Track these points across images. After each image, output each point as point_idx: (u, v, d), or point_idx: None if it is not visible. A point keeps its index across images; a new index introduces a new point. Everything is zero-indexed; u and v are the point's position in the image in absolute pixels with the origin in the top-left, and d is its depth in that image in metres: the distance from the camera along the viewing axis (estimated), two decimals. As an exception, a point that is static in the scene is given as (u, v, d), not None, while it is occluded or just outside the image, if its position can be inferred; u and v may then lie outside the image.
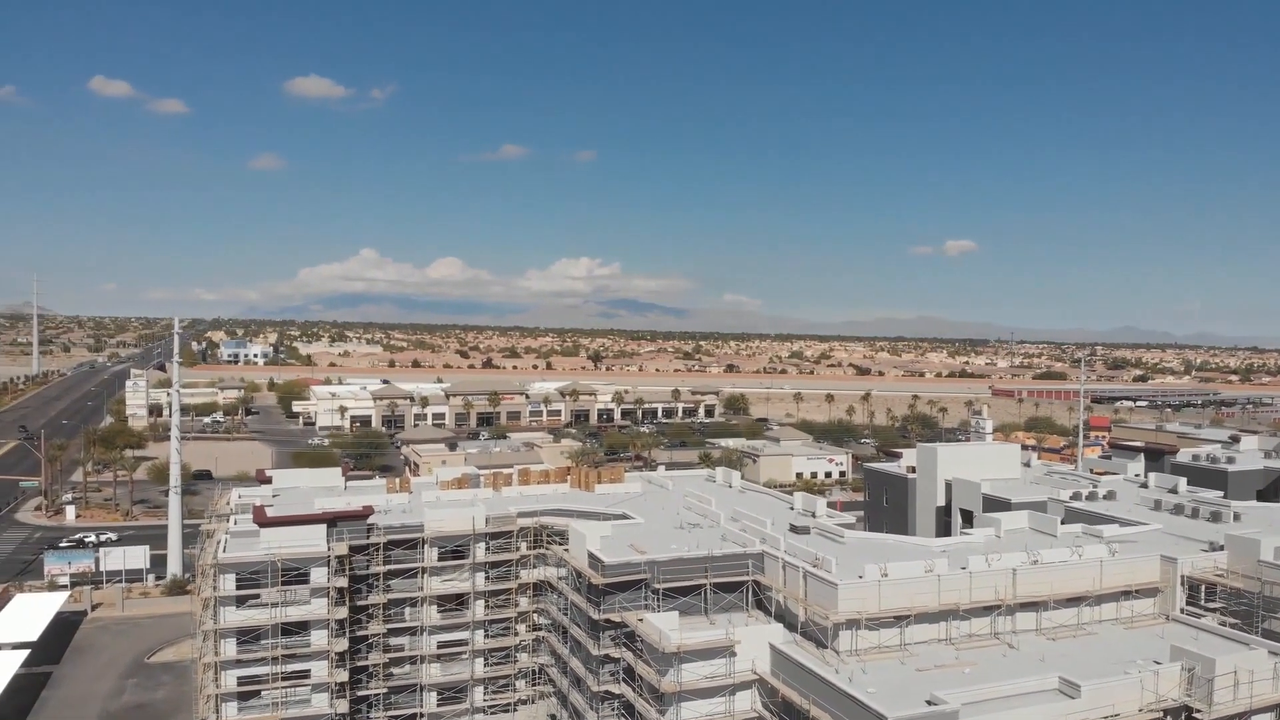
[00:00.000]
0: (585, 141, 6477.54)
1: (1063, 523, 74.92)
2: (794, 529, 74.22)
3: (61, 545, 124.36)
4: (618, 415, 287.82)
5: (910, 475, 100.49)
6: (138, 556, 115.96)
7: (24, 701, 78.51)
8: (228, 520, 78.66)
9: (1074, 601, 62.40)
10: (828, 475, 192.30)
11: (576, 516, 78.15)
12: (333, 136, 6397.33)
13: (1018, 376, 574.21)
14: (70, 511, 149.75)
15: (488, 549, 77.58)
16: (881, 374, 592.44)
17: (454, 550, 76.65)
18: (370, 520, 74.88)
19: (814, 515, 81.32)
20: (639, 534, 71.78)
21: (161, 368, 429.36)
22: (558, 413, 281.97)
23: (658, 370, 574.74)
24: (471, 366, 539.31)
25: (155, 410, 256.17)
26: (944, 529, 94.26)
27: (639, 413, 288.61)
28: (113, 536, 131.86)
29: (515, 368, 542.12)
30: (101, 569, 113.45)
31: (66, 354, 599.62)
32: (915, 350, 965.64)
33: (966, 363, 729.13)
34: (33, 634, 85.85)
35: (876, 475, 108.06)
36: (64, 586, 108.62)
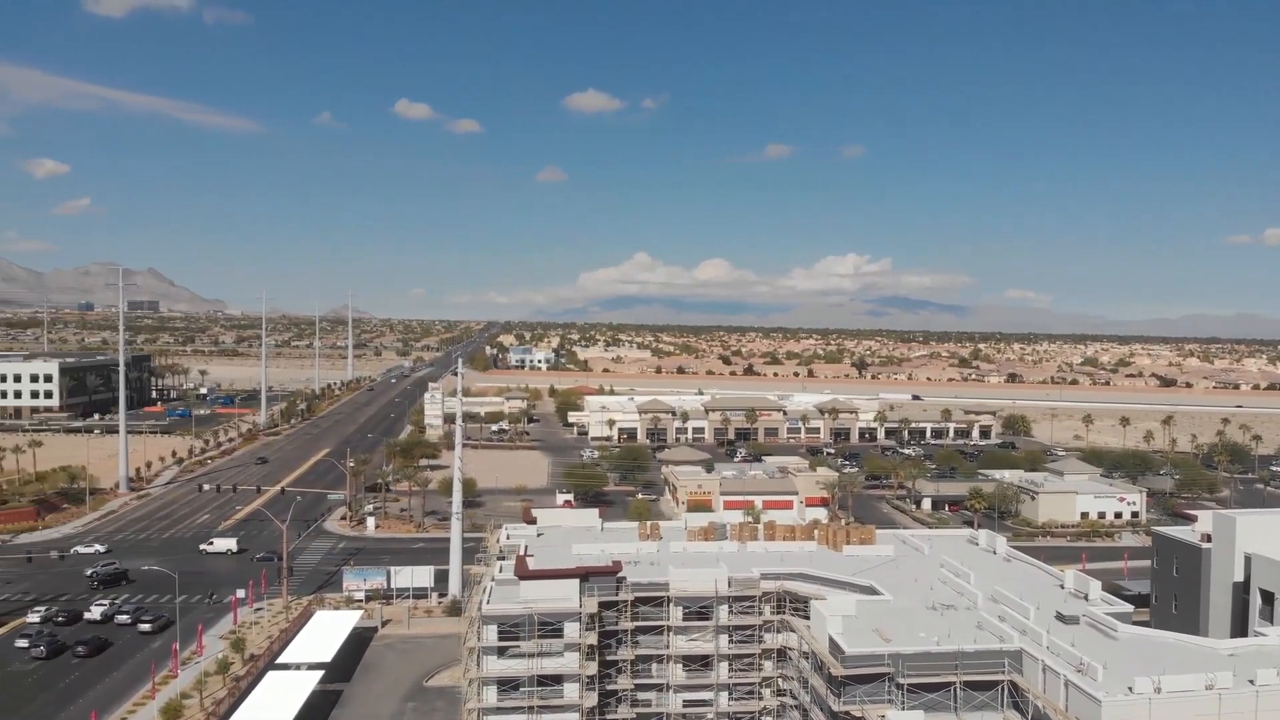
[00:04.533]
0: (852, 137, 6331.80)
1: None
2: (1060, 617, 68.88)
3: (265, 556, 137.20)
4: (880, 435, 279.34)
5: (1204, 545, 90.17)
6: (424, 575, 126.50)
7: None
8: (495, 565, 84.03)
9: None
10: (1117, 516, 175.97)
11: (821, 583, 76.76)
12: (608, 147, 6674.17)
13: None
14: (370, 523, 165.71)
15: (731, 611, 77.88)
16: (1189, 385, 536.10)
17: (698, 611, 77.62)
18: (620, 574, 77.43)
19: (1086, 598, 74.91)
20: (886, 614, 69.25)
21: (456, 371, 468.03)
22: (816, 430, 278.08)
23: (929, 379, 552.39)
24: (733, 373, 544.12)
25: (451, 418, 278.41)
26: (1241, 610, 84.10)
27: (904, 433, 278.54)
28: (270, 556, 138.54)
29: (776, 374, 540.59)
30: (392, 586, 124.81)
31: (378, 357, 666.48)
32: (1230, 355, 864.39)
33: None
34: (328, 654, 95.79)
35: (1166, 542, 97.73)
36: (359, 602, 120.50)
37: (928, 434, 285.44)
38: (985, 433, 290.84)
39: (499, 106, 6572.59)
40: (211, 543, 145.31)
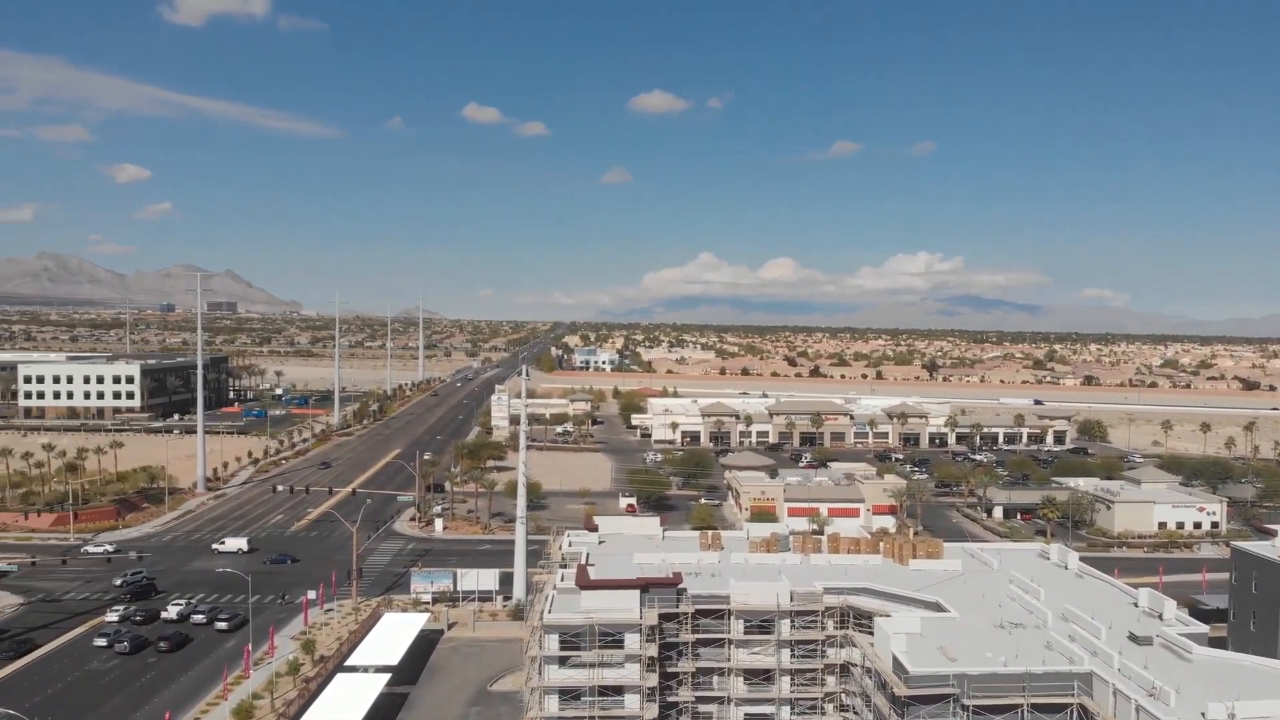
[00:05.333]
0: (922, 133, 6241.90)
1: None
2: (1133, 638, 66.87)
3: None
4: (951, 440, 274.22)
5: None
6: (489, 578, 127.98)
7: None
8: (557, 573, 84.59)
9: None
10: (1196, 526, 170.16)
11: (885, 599, 75.70)
12: (673, 147, 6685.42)
13: None
14: (438, 524, 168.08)
15: (793, 625, 77.23)
16: (1273, 389, 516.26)
17: (760, 624, 77.14)
18: (681, 586, 77.33)
19: (1160, 617, 72.65)
20: (951, 633, 67.99)
21: (525, 373, 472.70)
22: (885, 435, 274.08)
23: (1002, 381, 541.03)
24: (798, 375, 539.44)
25: (517, 419, 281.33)
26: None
27: (975, 438, 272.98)
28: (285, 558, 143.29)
29: (843, 376, 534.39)
30: (458, 588, 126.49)
31: (448, 358, 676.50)
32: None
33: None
34: (395, 657, 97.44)
35: (1245, 557, 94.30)
36: (426, 604, 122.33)
37: (1000, 439, 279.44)
38: (1060, 438, 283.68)
39: (566, 109, 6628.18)
40: (223, 542, 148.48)
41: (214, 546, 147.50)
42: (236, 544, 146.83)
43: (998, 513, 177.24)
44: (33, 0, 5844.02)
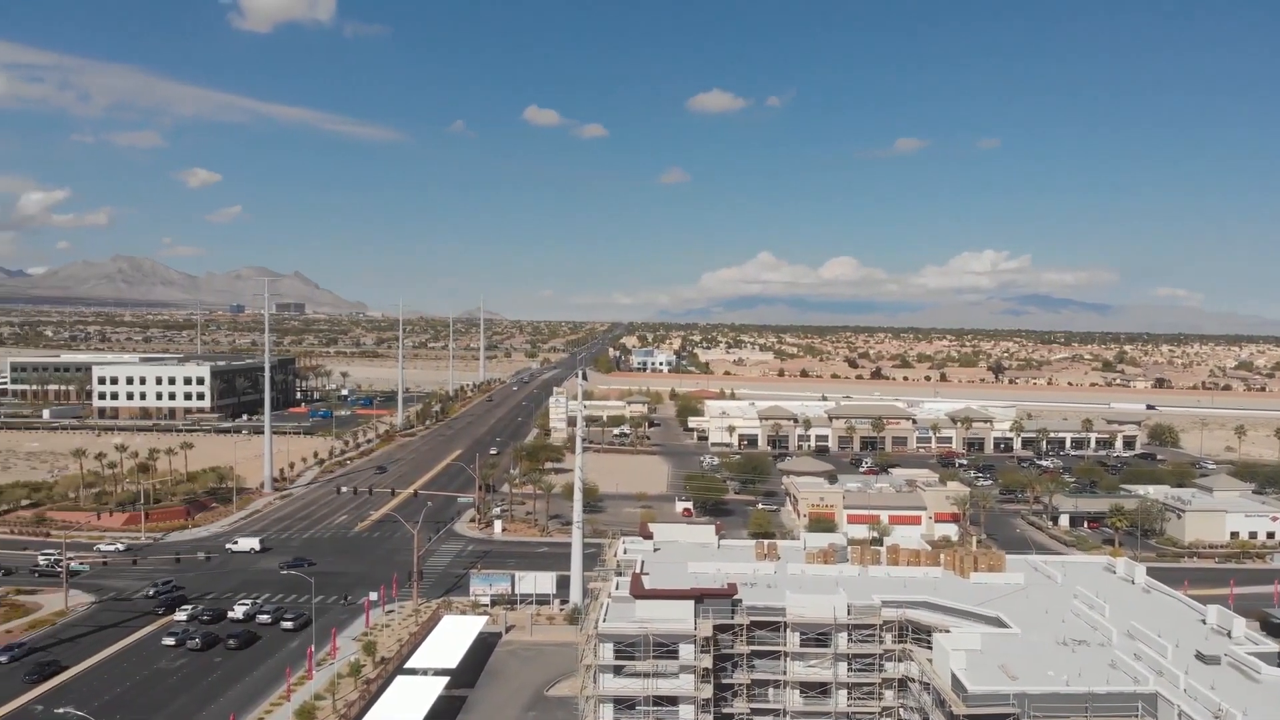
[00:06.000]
0: (986, 129, 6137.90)
1: None
2: (1200, 657, 64.94)
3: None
4: (1017, 445, 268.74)
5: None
6: (546, 581, 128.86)
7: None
8: (612, 581, 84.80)
9: None
10: (1270, 536, 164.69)
11: (945, 613, 74.51)
12: (732, 146, 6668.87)
13: None
14: (498, 526, 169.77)
15: (850, 639, 76.39)
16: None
17: (816, 637, 76.43)
18: (736, 597, 76.98)
19: (1229, 635, 70.41)
20: (1013, 649, 66.66)
21: (584, 375, 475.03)
22: (948, 440, 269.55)
23: (1070, 384, 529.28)
24: (859, 377, 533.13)
25: (575, 421, 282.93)
26: None
27: (1042, 443, 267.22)
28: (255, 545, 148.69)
29: (906, 379, 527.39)
30: (516, 591, 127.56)
31: (508, 359, 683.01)
32: None
33: None
34: (454, 660, 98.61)
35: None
36: (485, 607, 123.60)
37: (1067, 444, 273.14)
38: (1129, 443, 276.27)
39: (624, 110, 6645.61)
40: (236, 541, 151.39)
41: (228, 546, 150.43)
42: (249, 543, 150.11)
43: (1064, 521, 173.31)
44: (108, 10, 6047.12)
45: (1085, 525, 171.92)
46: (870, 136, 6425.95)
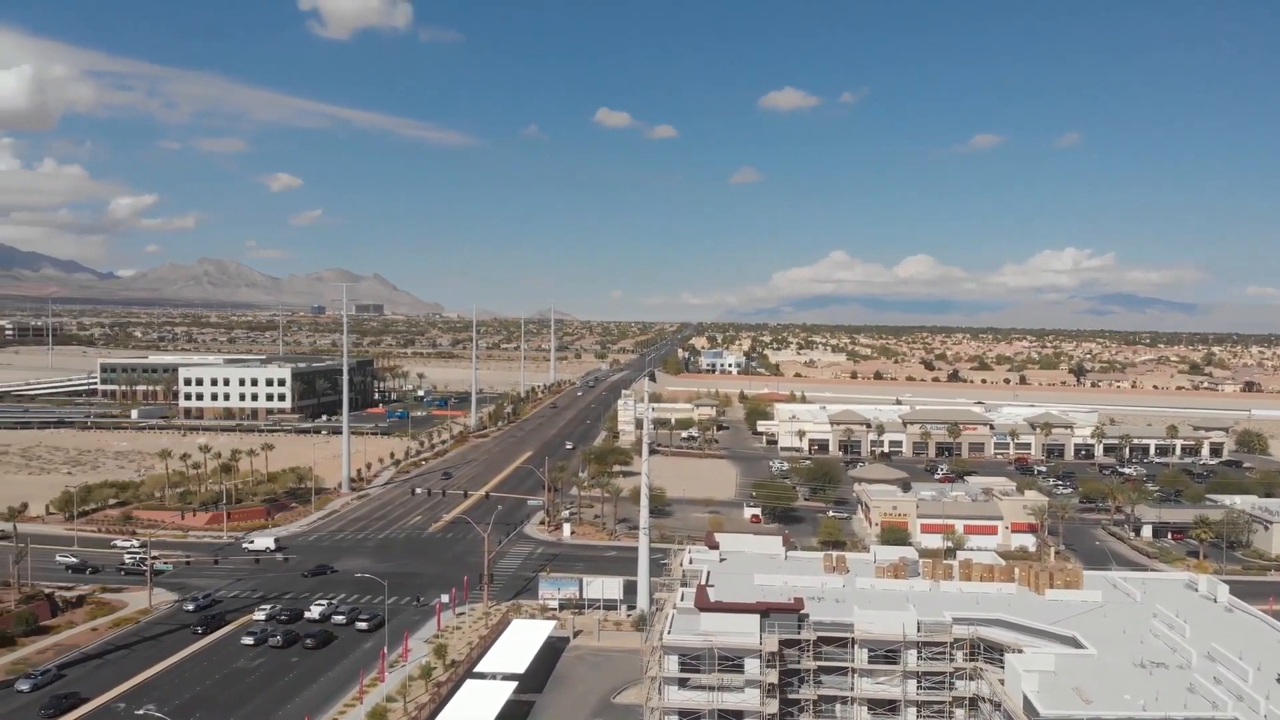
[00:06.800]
0: (1067, 124, 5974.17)
1: None
2: (1289, 685, 62.22)
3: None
4: (1098, 451, 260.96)
5: None
6: (614, 586, 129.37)
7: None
8: (678, 592, 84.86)
9: None
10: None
11: (1018, 631, 72.80)
12: (804, 145, 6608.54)
13: None
14: (566, 529, 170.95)
15: (920, 656, 75.12)
16: None
17: (885, 654, 75.33)
18: (803, 612, 76.29)
19: (1322, 662, 67.36)
20: (1088, 671, 64.83)
21: (653, 376, 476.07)
22: (1026, 446, 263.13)
23: (1155, 387, 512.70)
24: (935, 380, 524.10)
25: (643, 424, 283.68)
26: None
27: (1124, 450, 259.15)
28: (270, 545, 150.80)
29: (984, 381, 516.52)
30: (583, 596, 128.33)
31: (578, 360, 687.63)
32: None
33: None
34: (522, 665, 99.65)
35: None
36: (553, 611, 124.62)
37: (1151, 451, 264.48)
38: (1216, 450, 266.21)
39: (695, 111, 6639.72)
40: (252, 540, 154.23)
41: (244, 544, 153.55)
42: (265, 542, 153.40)
43: (1146, 532, 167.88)
44: (194, 20, 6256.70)
45: (1169, 536, 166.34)
46: (947, 132, 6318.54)
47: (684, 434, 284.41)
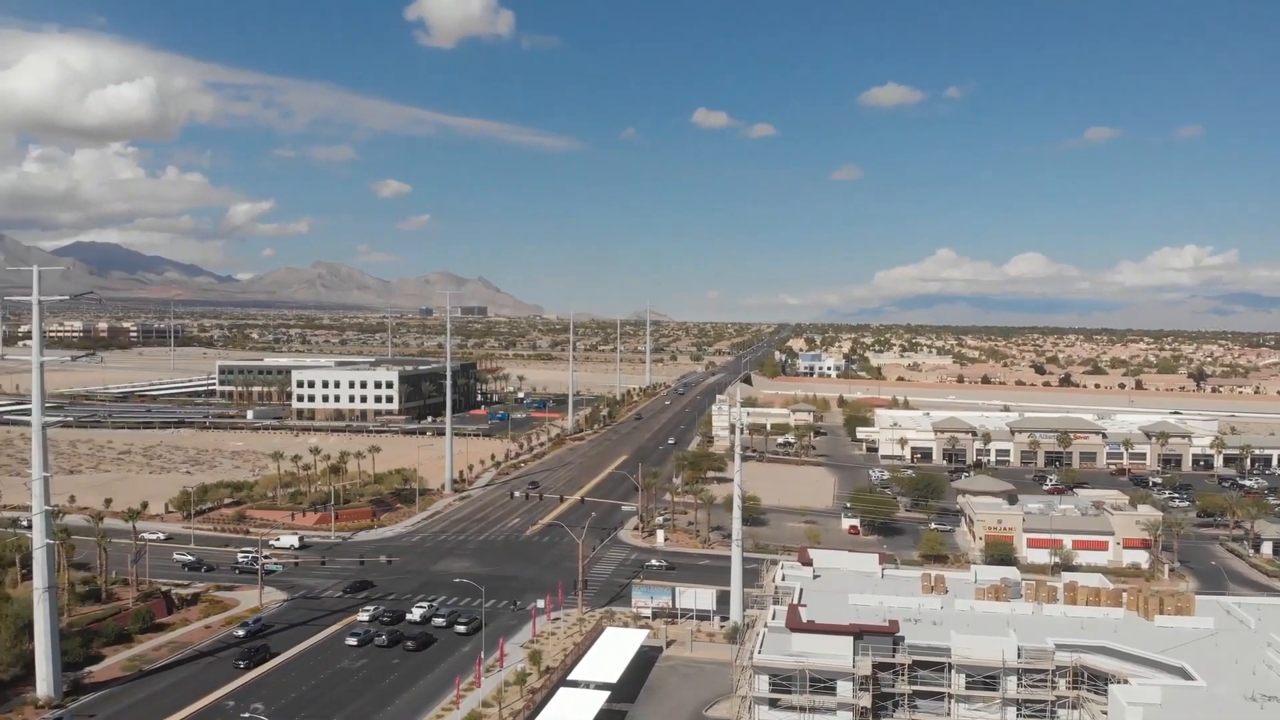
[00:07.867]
0: (1187, 116, 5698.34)
1: None
2: None
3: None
4: (1218, 462, 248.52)
5: None
6: (706, 597, 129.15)
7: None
8: (769, 610, 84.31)
9: None
10: None
11: (1124, 659, 70.04)
12: (908, 141, 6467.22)
13: None
14: (660, 535, 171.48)
15: (1020, 683, 72.94)
16: None
17: (984, 680, 73.39)
18: (898, 634, 74.91)
19: None
20: (1195, 705, 61.98)
21: (748, 379, 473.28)
22: (1141, 456, 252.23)
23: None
24: (1046, 384, 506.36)
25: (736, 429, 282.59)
26: None
27: (1246, 460, 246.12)
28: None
29: (1098, 386, 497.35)
30: (676, 605, 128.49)
31: (673, 361, 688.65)
32: None
33: None
34: (615, 674, 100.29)
35: None
36: (646, 619, 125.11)
37: (1274, 462, 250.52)
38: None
39: (794, 108, 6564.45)
40: (278, 537, 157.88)
41: (271, 542, 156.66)
42: (289, 540, 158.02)
43: (1267, 549, 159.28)
44: (307, 32, 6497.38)
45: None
46: (1058, 126, 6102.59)
47: (780, 440, 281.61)
